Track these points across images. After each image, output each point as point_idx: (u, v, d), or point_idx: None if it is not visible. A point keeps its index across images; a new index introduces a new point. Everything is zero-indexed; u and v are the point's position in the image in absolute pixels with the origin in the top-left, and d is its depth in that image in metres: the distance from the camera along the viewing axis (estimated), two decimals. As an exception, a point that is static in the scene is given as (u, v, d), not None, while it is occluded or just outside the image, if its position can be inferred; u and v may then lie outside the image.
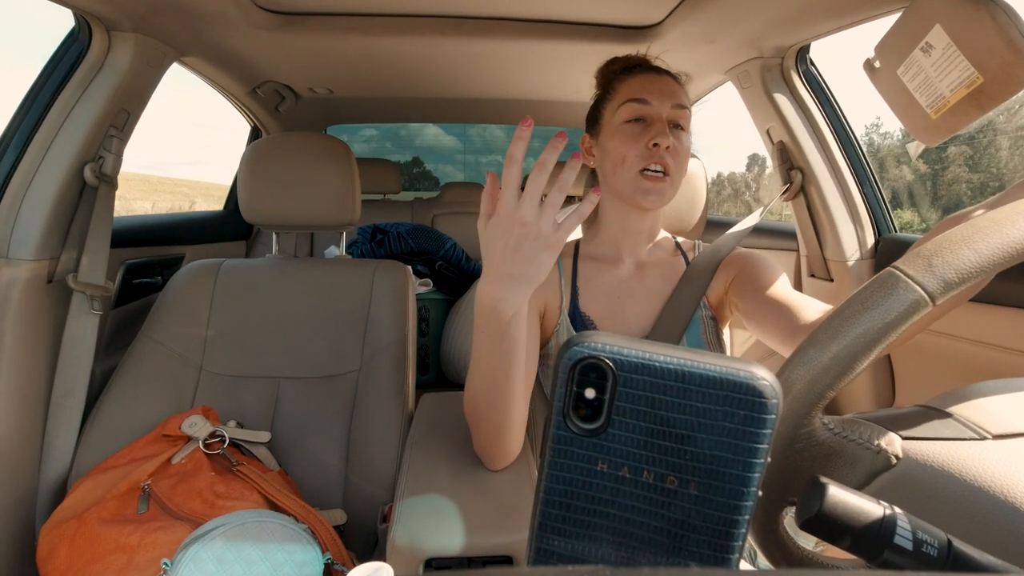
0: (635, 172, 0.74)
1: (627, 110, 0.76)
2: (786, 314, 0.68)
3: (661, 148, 0.73)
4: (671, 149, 0.73)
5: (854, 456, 0.32)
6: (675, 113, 0.75)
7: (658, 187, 0.74)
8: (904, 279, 0.32)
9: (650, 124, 0.75)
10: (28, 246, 0.93)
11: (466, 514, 0.62)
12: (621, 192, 0.77)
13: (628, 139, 0.75)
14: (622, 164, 0.75)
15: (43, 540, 0.80)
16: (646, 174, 0.74)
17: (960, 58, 0.65)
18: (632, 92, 0.76)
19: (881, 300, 0.31)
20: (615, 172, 0.76)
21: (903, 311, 0.31)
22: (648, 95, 0.75)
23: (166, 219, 1.61)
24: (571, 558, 0.24)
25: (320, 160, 1.12)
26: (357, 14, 1.16)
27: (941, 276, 0.31)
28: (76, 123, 0.98)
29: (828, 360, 0.32)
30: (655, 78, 0.77)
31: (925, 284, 0.31)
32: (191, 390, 1.04)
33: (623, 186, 0.76)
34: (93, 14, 0.95)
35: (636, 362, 0.22)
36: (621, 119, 0.76)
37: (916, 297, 0.31)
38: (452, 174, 4.24)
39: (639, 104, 0.75)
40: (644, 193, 0.74)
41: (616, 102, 0.78)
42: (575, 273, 0.83)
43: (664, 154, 0.73)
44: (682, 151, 0.75)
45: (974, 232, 0.32)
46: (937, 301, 0.31)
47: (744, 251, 0.83)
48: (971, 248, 0.31)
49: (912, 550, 0.24)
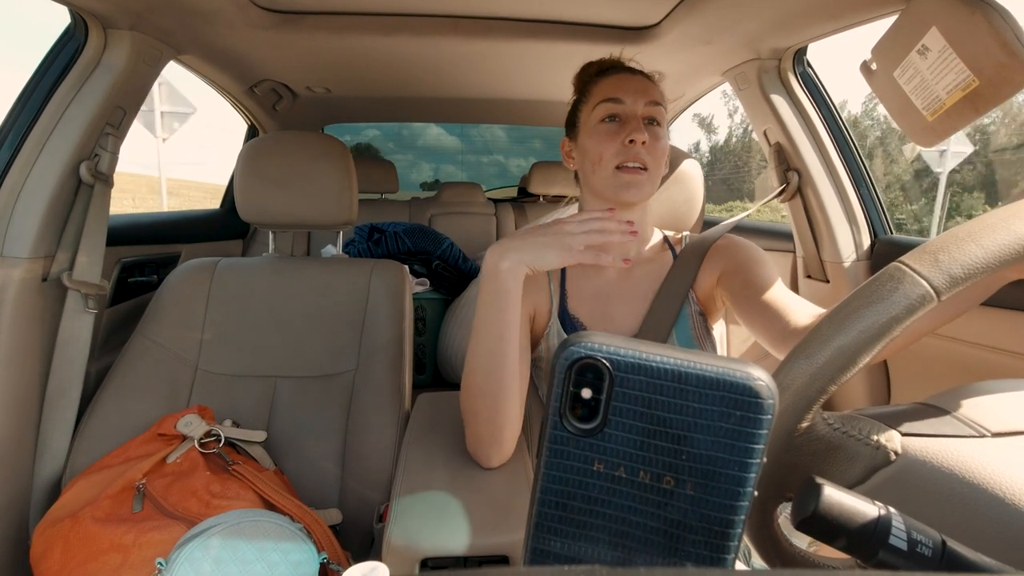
0: (612, 168, 0.75)
1: (602, 109, 0.77)
2: (776, 316, 0.68)
3: (637, 144, 0.74)
4: (647, 144, 0.74)
5: (853, 452, 0.33)
6: (649, 110, 0.76)
7: (637, 179, 0.74)
8: (910, 273, 0.32)
9: (625, 122, 0.76)
10: (23, 244, 0.93)
11: (462, 514, 0.62)
12: (602, 190, 0.77)
13: (604, 137, 0.76)
14: (599, 162, 0.76)
15: (37, 539, 0.79)
16: (624, 168, 0.75)
17: (956, 61, 0.65)
18: (606, 92, 0.77)
19: (887, 294, 0.31)
20: (594, 171, 0.77)
21: (908, 305, 0.31)
22: (621, 94, 0.76)
23: (162, 217, 1.60)
24: (567, 558, 0.24)
25: (317, 159, 1.12)
26: (355, 13, 1.16)
27: (947, 271, 0.31)
28: (72, 121, 0.97)
29: (831, 353, 0.32)
30: (628, 77, 0.79)
31: (931, 279, 0.31)
32: (187, 389, 1.03)
33: (603, 184, 0.77)
34: (89, 11, 0.95)
35: (633, 362, 0.22)
36: (596, 119, 0.77)
37: (922, 292, 0.31)
38: (453, 173, 4.24)
39: (613, 103, 0.76)
40: (625, 187, 0.75)
41: (591, 103, 0.79)
42: (563, 276, 0.84)
43: (640, 150, 0.74)
44: (659, 147, 0.76)
45: (981, 228, 0.32)
46: (943, 296, 0.31)
47: (733, 240, 0.82)
48: (978, 244, 0.31)
49: (907, 550, 0.24)
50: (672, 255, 0.85)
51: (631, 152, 0.74)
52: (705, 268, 0.81)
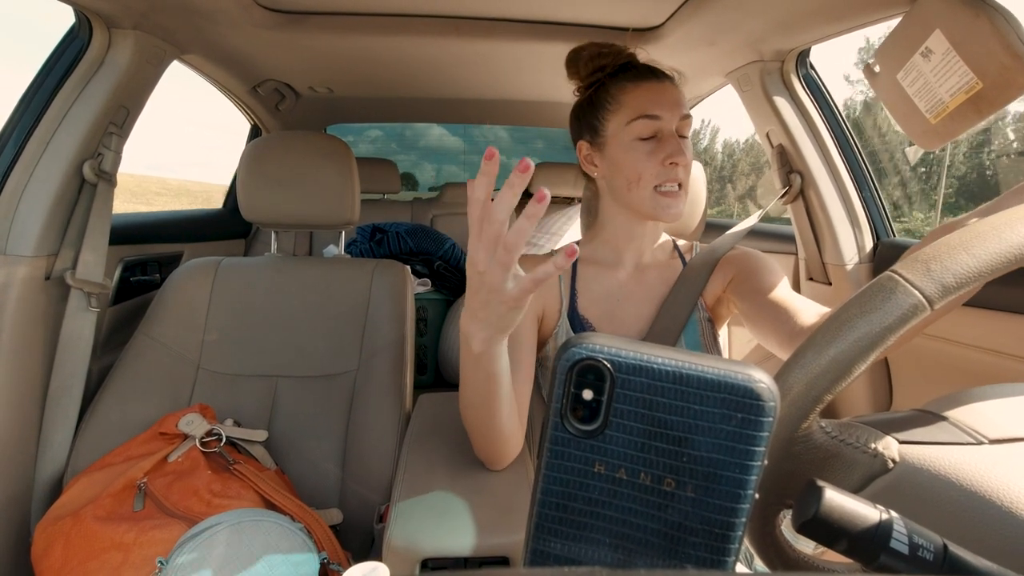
0: (651, 189, 0.74)
1: (641, 127, 0.74)
2: (784, 318, 0.68)
3: (679, 166, 0.73)
4: (684, 163, 0.74)
5: (851, 460, 0.32)
6: (683, 124, 0.75)
7: (676, 201, 0.75)
8: (903, 283, 0.32)
9: (663, 140, 0.74)
10: (26, 242, 0.93)
11: (463, 515, 0.62)
12: (638, 208, 0.77)
13: (643, 157, 0.74)
14: (637, 182, 0.75)
15: (38, 537, 0.80)
16: (662, 191, 0.74)
17: (959, 63, 0.65)
18: (643, 107, 0.74)
19: (879, 304, 0.31)
20: (630, 189, 0.76)
21: (901, 315, 0.31)
22: (659, 110, 0.74)
23: (165, 217, 1.60)
24: (567, 559, 0.24)
25: (320, 159, 1.12)
26: (358, 14, 1.16)
27: (940, 281, 0.31)
28: (75, 120, 0.98)
29: (826, 363, 0.32)
30: (661, 88, 0.76)
31: (924, 288, 0.31)
32: (188, 388, 1.04)
33: (640, 203, 0.76)
34: (93, 11, 0.95)
35: (634, 364, 0.22)
36: (633, 135, 0.75)
37: (914, 301, 0.31)
38: (456, 174, 4.25)
39: (651, 120, 0.74)
40: (664, 209, 0.75)
41: (623, 115, 0.76)
42: (574, 276, 0.83)
43: (679, 170, 0.74)
44: (690, 162, 0.76)
45: (973, 237, 0.32)
46: (936, 306, 0.31)
47: (742, 250, 0.83)
48: (969, 253, 0.31)
49: (908, 554, 0.24)
50: (682, 262, 0.85)
51: (671, 173, 0.73)
52: (715, 276, 0.81)
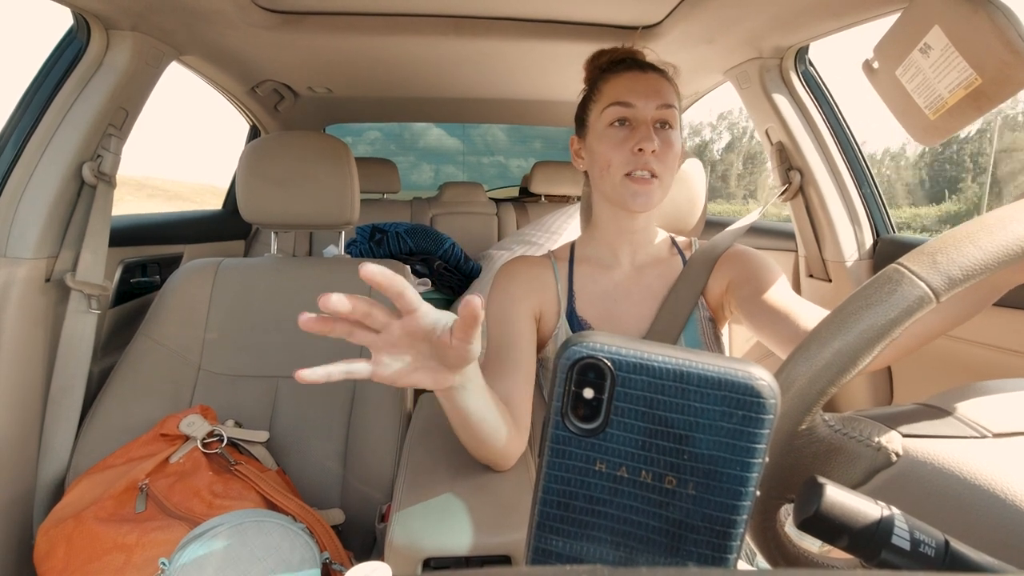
0: (620, 176, 0.73)
1: (611, 113, 0.74)
2: (785, 320, 0.67)
3: (646, 153, 0.72)
4: (656, 152, 0.72)
5: (854, 453, 0.32)
6: (661, 113, 0.74)
7: (645, 189, 0.73)
8: (909, 275, 0.31)
9: (635, 127, 0.73)
10: (26, 244, 0.93)
11: (464, 514, 0.62)
12: (610, 196, 0.76)
13: (613, 144, 0.74)
14: (607, 169, 0.74)
15: (41, 539, 0.80)
16: (632, 177, 0.73)
17: (958, 59, 0.65)
18: (616, 95, 0.74)
19: (885, 296, 0.31)
20: (602, 177, 0.76)
21: (907, 307, 0.31)
22: (632, 97, 0.73)
23: (164, 218, 1.60)
24: (569, 558, 0.24)
25: (319, 159, 1.12)
26: (356, 13, 1.16)
27: (946, 273, 0.31)
28: (74, 122, 0.98)
29: (830, 356, 0.32)
30: (640, 77, 0.75)
31: (929, 280, 0.31)
32: (189, 389, 1.04)
33: (611, 191, 0.75)
34: (91, 12, 0.95)
35: (634, 362, 0.22)
36: (605, 122, 0.75)
37: (920, 293, 0.31)
38: (453, 174, 4.25)
39: (622, 107, 0.74)
40: (632, 196, 0.73)
41: (601, 104, 0.76)
42: (571, 278, 0.83)
43: (650, 158, 0.72)
44: (670, 153, 0.74)
45: (979, 229, 0.32)
46: (941, 298, 0.31)
47: (742, 249, 0.82)
48: (976, 245, 0.31)
49: (910, 550, 0.24)
50: (681, 260, 0.84)
51: (640, 160, 0.72)
52: (715, 275, 0.80)
